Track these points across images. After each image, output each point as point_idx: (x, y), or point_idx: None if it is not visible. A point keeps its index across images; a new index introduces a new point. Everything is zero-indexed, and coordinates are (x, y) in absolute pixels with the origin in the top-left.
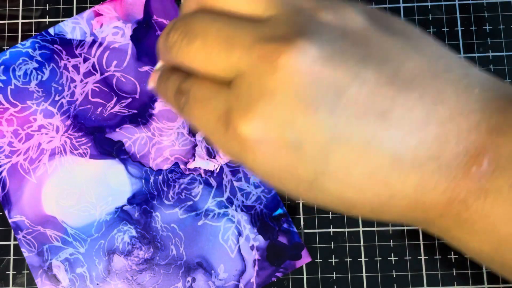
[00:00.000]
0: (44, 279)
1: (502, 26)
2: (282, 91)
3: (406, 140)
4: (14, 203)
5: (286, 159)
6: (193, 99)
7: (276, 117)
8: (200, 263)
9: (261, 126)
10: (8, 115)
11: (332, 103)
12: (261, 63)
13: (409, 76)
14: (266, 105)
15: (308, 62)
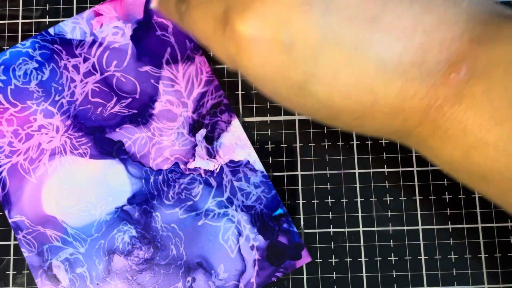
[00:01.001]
0: (44, 279)
1: None
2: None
3: (392, 46)
4: (14, 203)
5: (279, 59)
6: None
7: (271, 15)
8: (200, 263)
9: (257, 24)
10: (8, 115)
11: (326, 4)
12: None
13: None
14: (262, 4)
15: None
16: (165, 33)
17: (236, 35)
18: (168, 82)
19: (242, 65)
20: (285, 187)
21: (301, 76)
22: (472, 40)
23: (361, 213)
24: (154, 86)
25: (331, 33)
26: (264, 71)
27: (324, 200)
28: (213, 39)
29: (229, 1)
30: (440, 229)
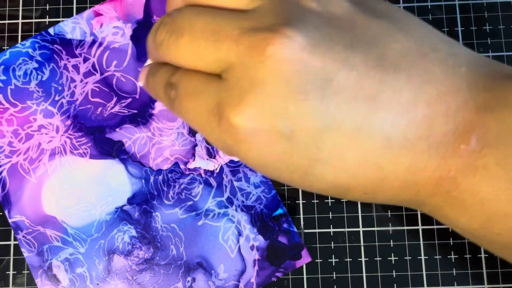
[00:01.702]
0: (44, 279)
1: (502, 26)
2: (272, 81)
3: (396, 122)
4: (14, 203)
5: (279, 148)
6: (183, 93)
7: (267, 107)
8: (200, 263)
9: (253, 117)
10: (8, 115)
11: (322, 90)
12: (249, 54)
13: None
14: (257, 95)
15: (296, 50)
16: None
17: (232, 128)
18: None
19: (240, 156)
20: (285, 187)
21: (305, 162)
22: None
23: (361, 213)
24: None
25: (331, 118)
26: (265, 160)
27: (324, 200)
28: (207, 130)
29: (221, 93)
30: (440, 229)
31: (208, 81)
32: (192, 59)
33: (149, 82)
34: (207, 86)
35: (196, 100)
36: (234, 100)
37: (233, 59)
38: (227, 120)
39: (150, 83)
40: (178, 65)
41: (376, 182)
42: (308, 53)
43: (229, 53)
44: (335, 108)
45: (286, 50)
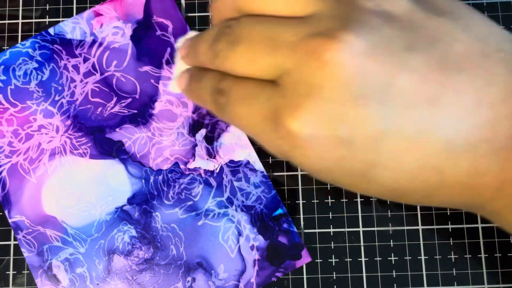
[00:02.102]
0: (44, 279)
1: (502, 26)
2: (330, 86)
3: (458, 125)
4: (14, 203)
5: (337, 154)
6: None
7: (326, 113)
8: (200, 263)
9: (312, 123)
10: (8, 115)
11: (382, 94)
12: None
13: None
14: (315, 101)
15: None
16: (165, 33)
17: (289, 134)
18: (168, 82)
19: (297, 160)
20: (285, 187)
21: (363, 166)
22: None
23: (361, 213)
24: (154, 86)
25: (391, 122)
26: (322, 165)
27: (324, 200)
28: (263, 136)
29: (276, 98)
30: (440, 229)
31: (262, 87)
32: (247, 66)
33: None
34: (261, 91)
35: (250, 106)
36: (291, 105)
37: (290, 65)
38: (284, 126)
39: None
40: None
41: (434, 186)
42: (366, 57)
43: (285, 59)
44: (395, 112)
45: (344, 55)
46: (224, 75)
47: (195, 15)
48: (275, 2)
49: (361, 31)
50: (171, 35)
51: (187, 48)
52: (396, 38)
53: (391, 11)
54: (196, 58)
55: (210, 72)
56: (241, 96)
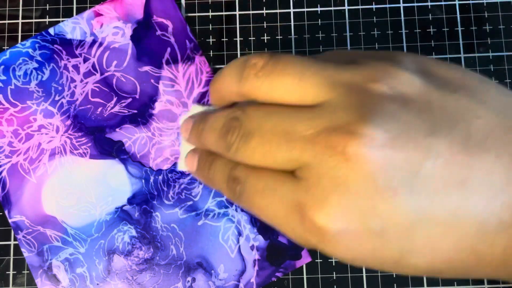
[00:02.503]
0: (44, 279)
1: (502, 26)
2: (356, 180)
3: (490, 205)
4: (14, 203)
5: (369, 245)
6: (253, 189)
7: (354, 207)
8: (200, 263)
9: (341, 218)
10: (8, 115)
11: (410, 183)
12: (328, 154)
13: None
14: (342, 196)
15: (377, 148)
16: (165, 33)
17: (318, 229)
18: (168, 82)
19: (327, 252)
20: None
21: (397, 254)
22: None
23: None
24: (154, 86)
25: (422, 210)
26: (354, 256)
27: None
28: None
29: (300, 192)
30: None
31: (280, 179)
32: (262, 160)
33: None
34: (281, 184)
35: (270, 198)
36: (317, 200)
37: (309, 159)
38: (311, 221)
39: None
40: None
41: (471, 265)
42: (390, 148)
43: (303, 153)
44: (425, 199)
45: (367, 149)
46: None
47: (195, 15)
48: (284, 90)
49: (379, 122)
50: (171, 35)
51: (192, 131)
52: (416, 123)
53: (406, 93)
54: (203, 144)
55: (220, 158)
56: (260, 188)
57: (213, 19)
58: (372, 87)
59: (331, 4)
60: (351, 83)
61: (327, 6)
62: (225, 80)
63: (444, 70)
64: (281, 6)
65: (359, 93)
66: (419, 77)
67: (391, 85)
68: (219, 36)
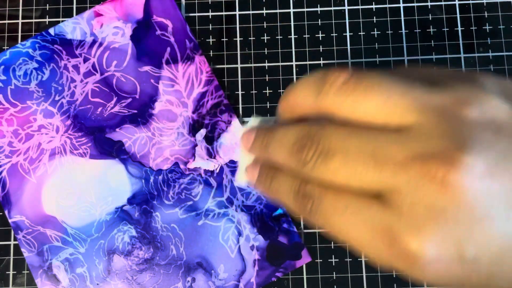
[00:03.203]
0: (44, 279)
1: (502, 26)
2: (454, 210)
3: None
4: (14, 203)
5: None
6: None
7: (451, 235)
8: (200, 263)
9: (436, 246)
10: (8, 115)
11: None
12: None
13: None
14: (439, 224)
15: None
16: (165, 33)
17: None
18: (168, 82)
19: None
20: None
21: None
22: None
23: None
24: (154, 86)
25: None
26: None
27: None
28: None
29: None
30: None
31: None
32: (345, 180)
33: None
34: (366, 207)
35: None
36: (412, 227)
37: (400, 184)
38: (404, 247)
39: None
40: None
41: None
42: (488, 178)
43: (394, 178)
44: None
45: (465, 179)
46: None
47: (195, 15)
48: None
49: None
50: (171, 35)
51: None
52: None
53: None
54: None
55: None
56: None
57: (213, 19)
58: (464, 113)
59: (331, 4)
60: (441, 107)
61: (327, 6)
62: (301, 93)
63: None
64: (281, 6)
65: (451, 118)
66: (506, 101)
67: (481, 110)
68: (219, 36)
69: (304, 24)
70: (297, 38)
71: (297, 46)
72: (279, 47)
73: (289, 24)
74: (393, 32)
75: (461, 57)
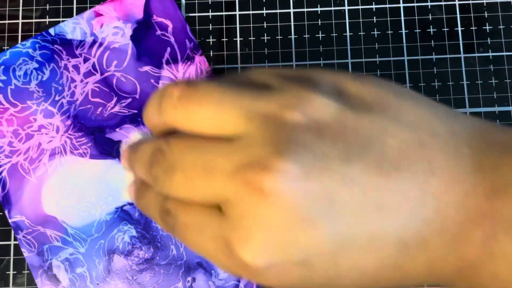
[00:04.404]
0: (44, 279)
1: (502, 26)
2: (276, 216)
3: (408, 224)
4: (14, 203)
5: (297, 275)
6: (183, 225)
7: (276, 241)
8: (200, 263)
9: (265, 253)
10: (8, 115)
11: (328, 212)
12: (246, 191)
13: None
14: (263, 232)
15: (291, 181)
16: (165, 33)
17: (245, 266)
18: (168, 82)
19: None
20: None
21: (325, 280)
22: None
23: None
24: (154, 86)
25: (342, 236)
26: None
27: None
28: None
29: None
30: None
31: (207, 214)
32: (187, 194)
33: (140, 202)
34: (208, 220)
35: (199, 234)
36: (241, 238)
37: (230, 195)
38: (238, 258)
39: (141, 205)
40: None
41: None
42: (304, 181)
43: (224, 190)
44: (344, 226)
45: (281, 184)
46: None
47: (195, 15)
48: (202, 122)
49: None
50: (171, 35)
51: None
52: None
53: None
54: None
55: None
56: (188, 223)
57: (213, 19)
58: (287, 117)
59: (331, 4)
60: (267, 112)
61: (327, 6)
62: (148, 111)
63: (359, 87)
64: (281, 6)
65: (274, 124)
66: (334, 99)
67: (305, 112)
68: (219, 36)
69: (304, 24)
70: (297, 38)
71: (297, 46)
72: (279, 47)
73: (289, 24)
74: (393, 32)
75: (461, 57)
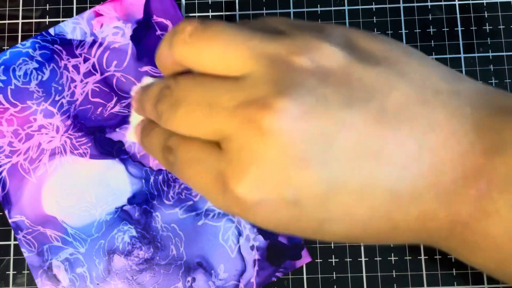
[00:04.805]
0: (44, 279)
1: (502, 26)
2: (271, 152)
3: (402, 175)
4: (14, 203)
5: (287, 214)
6: (183, 160)
7: (271, 179)
8: (200, 263)
9: (258, 189)
10: (8, 115)
11: (323, 154)
12: (246, 128)
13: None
14: (258, 167)
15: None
16: (165, 33)
17: (238, 200)
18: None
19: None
20: None
21: (315, 223)
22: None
23: None
24: None
25: (335, 180)
26: (275, 224)
27: None
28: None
29: (222, 164)
30: None
31: (207, 150)
32: (189, 129)
33: (144, 140)
34: (207, 155)
35: (197, 169)
36: (236, 172)
37: (230, 131)
38: (232, 191)
39: (145, 143)
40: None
41: (387, 231)
42: (303, 121)
43: (225, 126)
44: (338, 170)
45: (281, 122)
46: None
47: (195, 15)
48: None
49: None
50: None
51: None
52: (333, 96)
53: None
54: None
55: (158, 128)
56: (188, 158)
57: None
58: (294, 60)
59: (331, 4)
60: (275, 55)
61: (327, 6)
62: (161, 48)
63: (369, 43)
64: (281, 6)
65: (281, 66)
66: (343, 50)
67: (313, 58)
68: None
69: None
70: None
71: None
72: None
73: None
74: (393, 32)
75: (461, 57)
